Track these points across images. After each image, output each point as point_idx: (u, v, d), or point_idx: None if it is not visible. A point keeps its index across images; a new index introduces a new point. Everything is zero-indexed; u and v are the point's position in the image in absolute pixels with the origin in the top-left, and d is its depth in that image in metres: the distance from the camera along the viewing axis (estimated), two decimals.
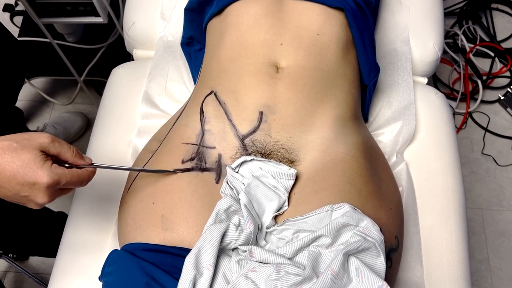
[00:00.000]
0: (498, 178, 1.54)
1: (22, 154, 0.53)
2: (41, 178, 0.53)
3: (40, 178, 0.53)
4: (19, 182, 0.53)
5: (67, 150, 0.58)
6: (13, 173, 0.53)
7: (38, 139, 0.55)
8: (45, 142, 0.56)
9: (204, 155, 0.70)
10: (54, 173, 0.55)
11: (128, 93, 0.97)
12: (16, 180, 0.53)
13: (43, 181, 0.53)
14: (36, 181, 0.53)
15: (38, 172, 0.53)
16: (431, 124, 0.93)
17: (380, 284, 0.53)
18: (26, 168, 0.53)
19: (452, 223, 0.83)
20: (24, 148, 0.53)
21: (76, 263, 0.79)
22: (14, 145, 0.53)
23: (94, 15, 1.17)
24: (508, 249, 1.43)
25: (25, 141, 0.54)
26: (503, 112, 1.64)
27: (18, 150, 0.53)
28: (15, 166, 0.53)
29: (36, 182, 0.53)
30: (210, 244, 0.58)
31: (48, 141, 0.56)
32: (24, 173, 0.53)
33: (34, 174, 0.53)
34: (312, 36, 0.76)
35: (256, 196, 0.65)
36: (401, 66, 0.96)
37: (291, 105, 0.71)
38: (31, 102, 1.66)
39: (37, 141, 0.55)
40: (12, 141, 0.54)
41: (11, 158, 0.53)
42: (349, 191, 0.66)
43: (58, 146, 0.57)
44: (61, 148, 0.57)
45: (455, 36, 1.72)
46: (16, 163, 0.53)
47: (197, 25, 0.91)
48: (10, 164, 0.53)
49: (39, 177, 0.53)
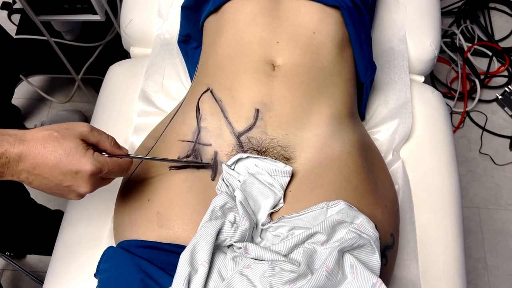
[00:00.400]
0: (496, 177, 1.54)
1: (64, 143, 0.53)
2: (85, 166, 0.53)
3: (83, 166, 0.53)
4: (63, 171, 0.53)
5: (105, 139, 0.58)
6: (56, 162, 0.52)
7: (78, 128, 0.55)
8: (85, 130, 0.56)
9: (200, 152, 0.70)
10: (97, 161, 0.54)
11: (124, 90, 0.97)
12: (59, 170, 0.53)
13: (86, 169, 0.53)
14: (79, 169, 0.53)
15: (81, 160, 0.53)
16: (428, 122, 0.93)
17: (374, 281, 0.53)
18: (69, 157, 0.53)
19: (448, 221, 0.83)
20: (65, 137, 0.53)
21: (72, 260, 0.79)
22: (55, 134, 0.53)
23: (92, 13, 1.17)
24: (505, 248, 1.44)
25: (65, 130, 0.54)
26: (500, 111, 1.64)
27: (59, 139, 0.53)
28: (57, 155, 0.52)
29: (80, 170, 0.53)
30: (206, 241, 0.58)
31: (88, 129, 0.56)
32: (67, 162, 0.53)
33: (77, 162, 0.53)
34: (308, 35, 0.76)
35: (252, 193, 0.65)
36: (397, 65, 0.96)
37: (287, 103, 0.71)
38: (29, 100, 1.66)
39: (77, 130, 0.55)
40: (52, 131, 0.53)
41: (54, 147, 0.52)
42: (344, 189, 0.66)
43: (97, 135, 0.57)
44: (100, 137, 0.57)
45: (453, 35, 1.72)
46: (58, 152, 0.52)
47: (194, 23, 0.91)
48: (52, 153, 0.52)
49: (83, 165, 0.53)
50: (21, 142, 0.52)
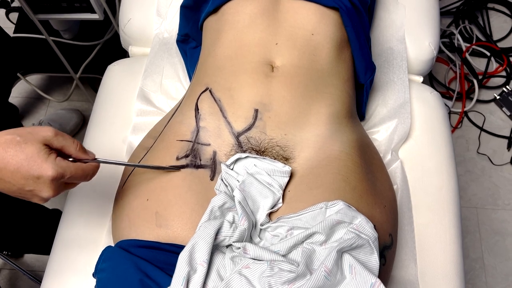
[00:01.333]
0: (493, 177, 1.54)
1: (25, 147, 0.52)
2: (46, 171, 0.53)
3: (44, 171, 0.53)
4: (24, 176, 0.52)
5: (70, 144, 0.57)
6: (17, 167, 0.52)
7: (41, 133, 0.55)
8: (49, 135, 0.55)
9: (199, 152, 0.70)
10: (59, 166, 0.54)
11: (123, 90, 0.97)
12: (20, 174, 0.52)
13: (48, 174, 0.53)
14: (41, 174, 0.53)
15: (43, 165, 0.53)
16: (426, 122, 0.93)
17: (373, 281, 0.53)
18: (31, 162, 0.52)
19: (447, 221, 0.83)
20: (27, 142, 0.53)
21: (70, 260, 0.79)
22: (17, 139, 0.53)
23: (90, 11, 1.16)
24: (503, 248, 1.44)
25: (28, 135, 0.54)
26: (498, 111, 1.65)
27: (21, 143, 0.53)
28: (19, 159, 0.52)
29: (41, 175, 0.53)
30: (204, 240, 0.58)
31: (52, 134, 0.55)
32: (28, 167, 0.52)
33: (38, 168, 0.52)
34: (306, 36, 0.77)
35: (251, 193, 0.65)
36: (396, 65, 0.97)
37: (286, 103, 0.71)
38: (27, 99, 1.65)
39: (40, 135, 0.54)
40: (15, 135, 0.53)
41: (15, 152, 0.52)
42: (343, 189, 0.66)
43: (61, 140, 0.56)
44: (64, 141, 0.57)
45: (452, 35, 1.72)
46: (20, 157, 0.52)
47: (193, 23, 0.91)
48: (14, 158, 0.52)
49: (44, 170, 0.53)
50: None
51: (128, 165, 0.73)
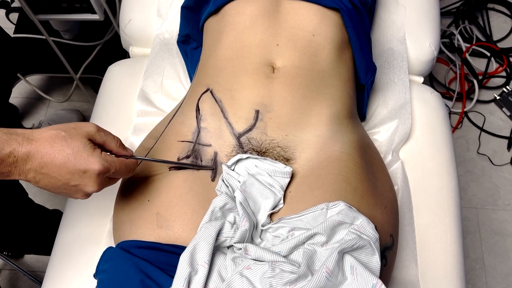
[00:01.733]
0: (493, 177, 1.54)
1: (71, 142, 0.53)
2: (92, 165, 0.54)
3: (91, 165, 0.54)
4: (70, 170, 0.53)
5: (111, 139, 0.58)
6: (64, 161, 0.53)
7: (85, 128, 0.56)
8: (92, 130, 0.56)
9: (199, 153, 0.70)
10: (105, 160, 0.55)
11: (124, 90, 0.97)
12: (67, 169, 0.53)
13: (94, 168, 0.54)
14: (87, 168, 0.53)
15: (89, 159, 0.54)
16: (427, 123, 0.93)
17: (374, 282, 0.54)
18: (77, 156, 0.53)
19: (447, 222, 0.83)
20: (73, 137, 0.54)
21: (71, 260, 0.79)
22: (62, 134, 0.53)
23: (90, 12, 1.16)
24: (503, 248, 1.44)
25: (72, 130, 0.54)
26: (498, 111, 1.65)
27: (67, 138, 0.53)
28: (65, 154, 0.53)
29: (87, 169, 0.54)
30: (205, 241, 0.58)
31: (95, 129, 0.57)
32: (75, 161, 0.53)
33: (85, 162, 0.53)
34: (307, 37, 0.77)
35: (252, 194, 0.65)
36: (397, 65, 0.97)
37: (287, 104, 0.71)
38: (27, 99, 1.65)
39: (84, 130, 0.55)
40: (59, 130, 0.54)
41: (61, 147, 0.53)
42: (344, 190, 0.66)
43: (103, 135, 0.58)
44: (106, 137, 0.58)
45: (452, 35, 1.72)
46: (66, 151, 0.53)
47: (194, 24, 0.91)
48: (60, 153, 0.52)
49: (90, 164, 0.54)
50: (29, 142, 0.52)
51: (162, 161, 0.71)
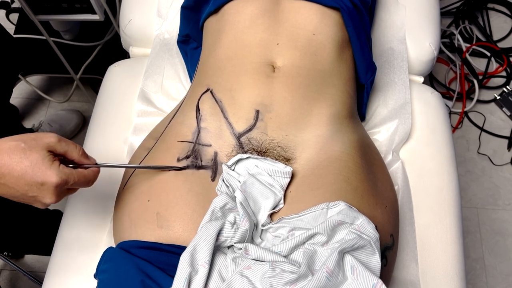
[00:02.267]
0: (494, 177, 1.54)
1: (30, 154, 0.53)
2: (50, 178, 0.54)
3: (49, 178, 0.54)
4: (28, 182, 0.53)
5: (73, 149, 0.58)
6: (21, 173, 0.53)
7: (45, 139, 0.55)
8: (52, 141, 0.56)
9: (200, 153, 0.70)
10: (63, 173, 0.55)
11: (124, 90, 0.97)
12: (24, 181, 0.53)
13: (52, 181, 0.54)
14: (45, 181, 0.54)
15: (47, 172, 0.54)
16: (427, 122, 0.93)
17: (375, 282, 0.53)
18: (35, 168, 0.53)
19: (448, 221, 0.83)
20: (32, 149, 0.54)
21: (71, 261, 0.79)
22: (22, 145, 0.53)
23: (90, 12, 1.17)
24: (503, 248, 1.44)
25: (32, 142, 0.54)
26: (498, 111, 1.65)
27: (26, 150, 0.53)
28: (23, 166, 0.53)
29: (45, 182, 0.54)
30: (206, 241, 0.58)
31: (55, 140, 0.56)
32: (33, 173, 0.53)
33: (43, 174, 0.53)
34: (308, 36, 0.76)
35: (252, 194, 0.65)
36: (397, 65, 0.97)
37: (287, 104, 0.71)
38: (27, 100, 1.65)
39: (44, 141, 0.55)
40: (19, 141, 0.54)
41: (20, 159, 0.53)
42: (344, 189, 0.66)
43: (64, 146, 0.57)
44: (67, 147, 0.58)
45: (452, 35, 1.72)
46: (24, 163, 0.53)
47: (194, 23, 0.91)
48: (18, 165, 0.53)
49: (48, 177, 0.54)
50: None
51: (129, 167, 0.73)
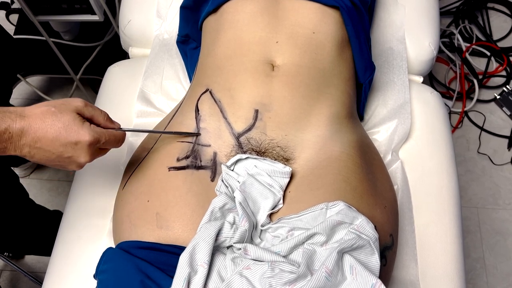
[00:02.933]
0: (494, 177, 1.54)
1: (62, 116, 0.56)
2: (83, 136, 0.57)
3: (82, 136, 0.57)
4: (63, 143, 0.56)
5: (99, 114, 0.61)
6: (56, 135, 0.56)
7: (73, 103, 0.59)
8: (80, 105, 0.59)
9: (199, 153, 0.70)
10: (94, 132, 0.58)
11: (123, 91, 0.97)
12: (59, 142, 0.56)
13: (85, 139, 0.57)
14: (78, 140, 0.57)
15: (80, 131, 0.57)
16: (427, 122, 0.93)
17: (374, 282, 0.54)
18: (68, 129, 0.56)
19: (447, 221, 0.83)
20: (62, 111, 0.57)
21: (71, 261, 0.79)
22: (52, 109, 0.56)
23: (90, 13, 1.17)
24: (504, 248, 1.44)
25: (61, 105, 0.57)
26: (498, 111, 1.64)
27: (57, 113, 0.56)
28: (57, 128, 0.56)
29: (79, 140, 0.57)
30: (205, 242, 0.58)
31: (82, 104, 0.59)
32: (66, 134, 0.56)
33: (76, 134, 0.56)
34: (307, 35, 0.76)
35: (251, 194, 0.65)
36: (396, 65, 0.96)
37: (287, 103, 0.71)
38: (27, 100, 1.65)
39: (72, 105, 0.58)
40: (49, 106, 0.57)
41: (52, 121, 0.56)
42: (344, 189, 0.66)
43: (91, 110, 0.61)
44: (94, 111, 0.61)
45: (452, 35, 1.72)
46: (57, 125, 0.56)
47: (193, 23, 0.91)
48: (52, 127, 0.55)
49: (81, 136, 0.57)
50: (22, 118, 0.55)
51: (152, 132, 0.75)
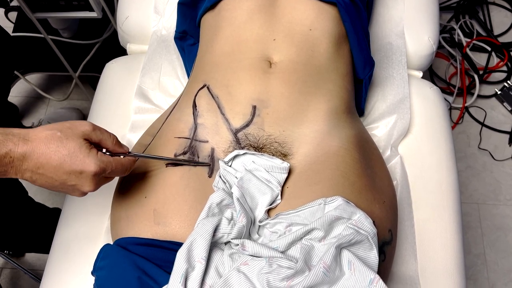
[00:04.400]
0: (495, 172, 1.54)
1: (67, 143, 0.53)
2: (89, 166, 0.54)
3: (87, 166, 0.54)
4: (67, 171, 0.53)
5: (107, 137, 0.59)
6: (60, 162, 0.53)
7: (80, 127, 0.56)
8: (88, 130, 0.56)
9: (196, 149, 0.70)
10: (101, 161, 0.55)
11: (121, 87, 0.97)
12: (63, 170, 0.53)
13: (90, 169, 0.54)
14: (83, 170, 0.54)
15: (85, 160, 0.54)
16: (426, 117, 0.92)
17: (372, 277, 0.53)
18: (73, 157, 0.53)
19: (447, 217, 0.83)
20: (68, 137, 0.54)
21: (69, 258, 0.79)
22: (58, 134, 0.54)
23: (88, 9, 1.16)
24: (504, 244, 1.43)
25: (68, 130, 0.55)
26: (499, 106, 1.64)
27: (63, 139, 0.53)
28: (61, 155, 0.53)
29: (84, 170, 0.54)
30: (202, 237, 0.58)
31: (90, 129, 0.57)
32: (71, 162, 0.53)
33: (81, 163, 0.54)
34: (304, 32, 0.76)
35: (249, 190, 0.65)
36: (396, 60, 0.96)
37: (284, 99, 0.71)
38: (26, 98, 1.65)
39: (80, 129, 0.55)
40: (55, 130, 0.54)
41: (57, 147, 0.53)
42: (342, 185, 0.66)
43: (99, 134, 0.58)
44: (102, 135, 0.58)
45: (452, 30, 1.72)
46: (62, 152, 0.53)
47: (191, 20, 0.91)
48: (56, 154, 0.53)
49: (87, 166, 0.54)
50: (25, 142, 0.52)
51: (161, 159, 0.70)
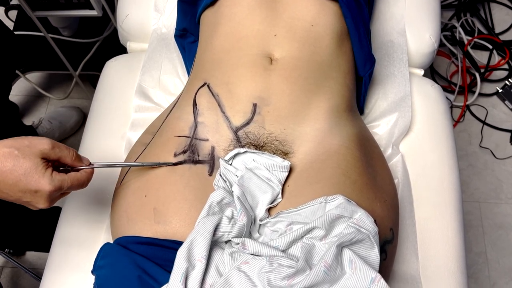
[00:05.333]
0: (496, 171, 1.53)
1: (24, 162, 0.54)
2: (44, 186, 0.54)
3: (42, 186, 0.54)
4: (22, 189, 0.54)
5: (66, 155, 0.59)
6: (15, 181, 0.53)
7: (39, 146, 0.56)
8: (46, 149, 0.56)
9: (197, 148, 0.70)
10: (56, 180, 0.56)
11: (121, 86, 0.96)
12: (18, 188, 0.54)
13: (45, 189, 0.55)
14: (38, 189, 0.54)
15: (40, 180, 0.54)
16: (427, 115, 0.92)
17: (373, 276, 0.53)
18: (28, 177, 0.54)
19: (448, 215, 0.83)
20: (25, 156, 0.54)
21: (70, 257, 0.79)
22: (15, 153, 0.54)
23: (88, 8, 1.16)
24: (506, 242, 1.43)
25: (26, 149, 0.55)
26: (501, 105, 1.63)
27: (19, 158, 0.54)
28: (17, 174, 0.53)
29: (39, 189, 0.54)
30: (203, 236, 0.57)
31: (49, 147, 0.56)
32: (26, 182, 0.54)
33: (36, 183, 0.54)
34: (306, 27, 0.75)
35: (250, 188, 0.65)
36: (397, 58, 0.96)
37: (285, 97, 0.70)
38: (27, 97, 1.65)
39: (38, 148, 0.55)
40: (12, 148, 0.54)
41: (13, 167, 0.53)
42: (343, 183, 0.65)
43: (58, 152, 0.58)
44: (61, 153, 0.58)
45: (453, 28, 1.71)
46: (18, 172, 0.53)
47: (191, 17, 0.90)
48: (12, 172, 0.53)
49: (41, 185, 0.54)
50: None
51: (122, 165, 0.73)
